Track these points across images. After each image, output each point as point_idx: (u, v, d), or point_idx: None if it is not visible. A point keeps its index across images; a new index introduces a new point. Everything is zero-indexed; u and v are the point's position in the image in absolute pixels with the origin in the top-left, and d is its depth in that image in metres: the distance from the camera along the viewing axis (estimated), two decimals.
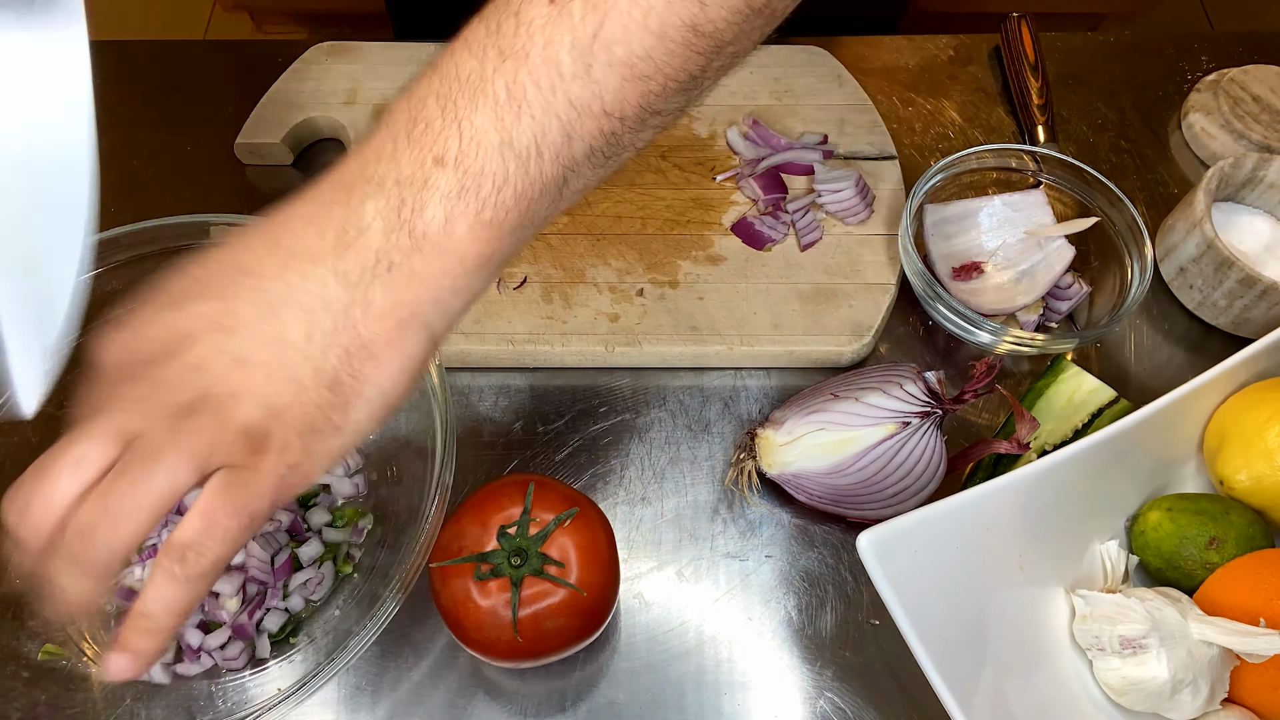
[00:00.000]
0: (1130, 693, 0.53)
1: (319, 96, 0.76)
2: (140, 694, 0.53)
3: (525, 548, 0.48)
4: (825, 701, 0.56)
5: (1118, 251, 0.67)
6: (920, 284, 0.65)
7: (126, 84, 0.80)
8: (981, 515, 0.53)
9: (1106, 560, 0.58)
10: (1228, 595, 0.53)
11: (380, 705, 0.55)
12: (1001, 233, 0.69)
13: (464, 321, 0.64)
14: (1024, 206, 0.69)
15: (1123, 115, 0.81)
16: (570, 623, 0.49)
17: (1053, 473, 0.54)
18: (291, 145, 0.75)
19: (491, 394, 0.66)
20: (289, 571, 0.56)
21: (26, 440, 0.58)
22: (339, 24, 2.03)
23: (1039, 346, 0.64)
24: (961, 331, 0.65)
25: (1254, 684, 0.52)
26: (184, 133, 0.77)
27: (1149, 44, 0.85)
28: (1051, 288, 0.67)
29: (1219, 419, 0.59)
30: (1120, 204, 0.66)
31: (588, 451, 0.64)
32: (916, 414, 0.56)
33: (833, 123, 0.76)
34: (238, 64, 0.81)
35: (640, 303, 0.66)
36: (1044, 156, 0.69)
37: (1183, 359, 0.69)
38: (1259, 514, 0.57)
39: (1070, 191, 0.69)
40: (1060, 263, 0.67)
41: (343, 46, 0.79)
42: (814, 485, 0.58)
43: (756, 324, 0.66)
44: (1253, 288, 0.65)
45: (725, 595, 0.59)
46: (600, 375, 0.67)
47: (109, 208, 0.73)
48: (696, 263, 0.69)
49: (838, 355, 0.66)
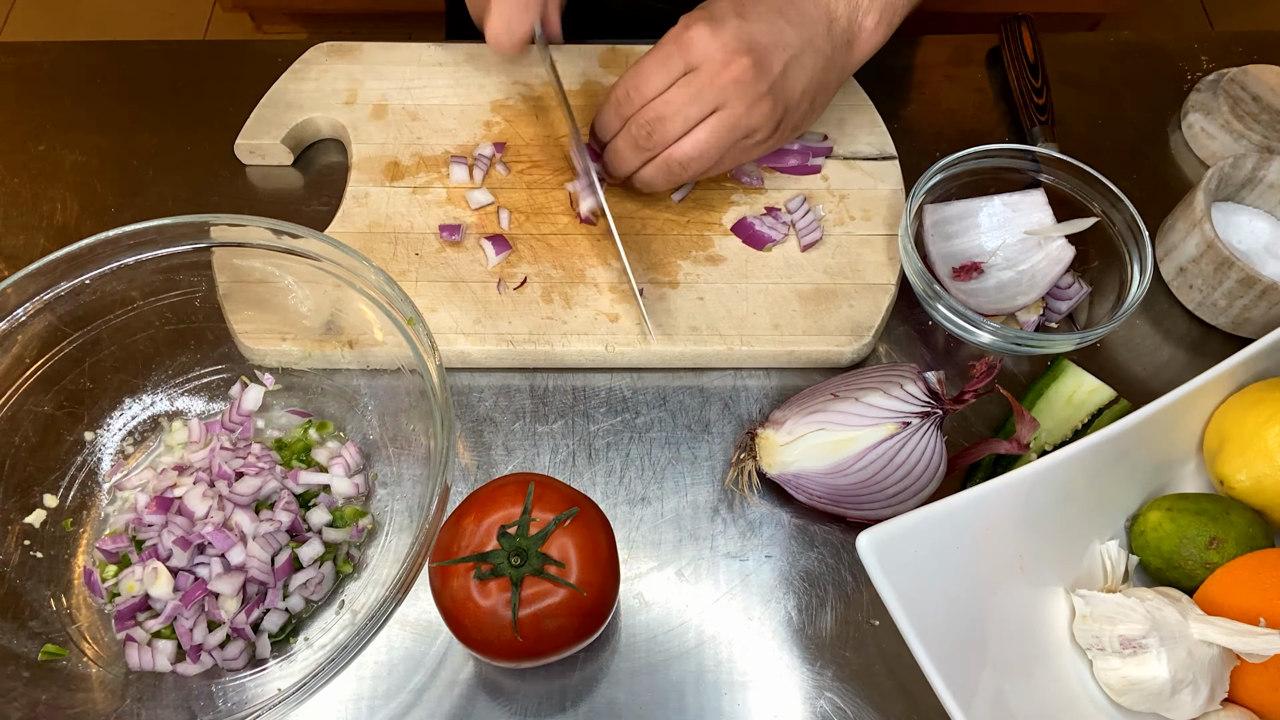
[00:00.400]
0: (1130, 693, 0.53)
1: (319, 97, 0.76)
2: (140, 694, 0.53)
3: (525, 548, 0.48)
4: (825, 701, 0.56)
5: (1118, 251, 0.67)
6: (920, 284, 0.65)
7: (126, 84, 0.80)
8: (981, 515, 0.53)
9: (1106, 560, 0.58)
10: (1228, 595, 0.53)
11: (380, 705, 0.55)
12: (1001, 233, 0.69)
13: (464, 321, 0.65)
14: (1024, 207, 0.69)
15: (1123, 115, 0.81)
16: (570, 622, 0.49)
17: (1053, 473, 0.54)
18: (291, 145, 0.75)
19: (491, 394, 0.66)
20: (289, 571, 0.56)
21: (27, 439, 0.59)
22: (339, 24, 2.04)
23: (1039, 346, 0.64)
24: (961, 331, 0.65)
25: (1254, 684, 0.52)
26: (184, 133, 0.77)
27: (1149, 44, 0.85)
28: (1051, 288, 0.67)
29: (1219, 419, 0.59)
30: (1120, 204, 0.66)
31: (588, 451, 0.64)
32: (917, 414, 0.56)
33: (832, 122, 0.76)
34: (238, 64, 0.81)
35: (641, 303, 0.66)
36: (1044, 157, 0.69)
37: (1183, 359, 0.69)
38: (1259, 514, 0.57)
39: (1070, 191, 0.69)
40: (1060, 263, 0.67)
41: (343, 47, 0.79)
42: (814, 485, 0.58)
43: (757, 324, 0.66)
44: (1252, 288, 0.65)
45: (725, 595, 0.59)
46: (600, 375, 0.67)
47: (109, 208, 0.74)
48: (696, 263, 0.69)
49: (838, 355, 0.66)
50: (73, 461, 0.60)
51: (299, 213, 0.73)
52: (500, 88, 0.77)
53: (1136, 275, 0.65)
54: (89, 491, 0.60)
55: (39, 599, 0.56)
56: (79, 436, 0.60)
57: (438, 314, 0.65)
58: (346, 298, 0.59)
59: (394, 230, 0.69)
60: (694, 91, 0.61)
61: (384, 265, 0.67)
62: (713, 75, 0.61)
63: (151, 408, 0.63)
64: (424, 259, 0.68)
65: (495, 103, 0.76)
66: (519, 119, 0.76)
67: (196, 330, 0.63)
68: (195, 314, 0.62)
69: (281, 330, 0.63)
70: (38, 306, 0.56)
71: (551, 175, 0.73)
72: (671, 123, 0.62)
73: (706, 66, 0.61)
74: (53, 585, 0.56)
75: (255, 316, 0.63)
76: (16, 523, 0.57)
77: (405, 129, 0.75)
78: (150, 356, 0.62)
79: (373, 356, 0.61)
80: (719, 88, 0.61)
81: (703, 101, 0.61)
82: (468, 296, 0.66)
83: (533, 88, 0.77)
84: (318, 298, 0.61)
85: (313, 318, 0.62)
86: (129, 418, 0.62)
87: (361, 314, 0.59)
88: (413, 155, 0.73)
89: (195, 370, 0.63)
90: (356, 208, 0.71)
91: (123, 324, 0.60)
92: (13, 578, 0.56)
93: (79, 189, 0.74)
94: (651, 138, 0.63)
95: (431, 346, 0.54)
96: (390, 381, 0.61)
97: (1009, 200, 0.69)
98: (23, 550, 0.57)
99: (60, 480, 0.59)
